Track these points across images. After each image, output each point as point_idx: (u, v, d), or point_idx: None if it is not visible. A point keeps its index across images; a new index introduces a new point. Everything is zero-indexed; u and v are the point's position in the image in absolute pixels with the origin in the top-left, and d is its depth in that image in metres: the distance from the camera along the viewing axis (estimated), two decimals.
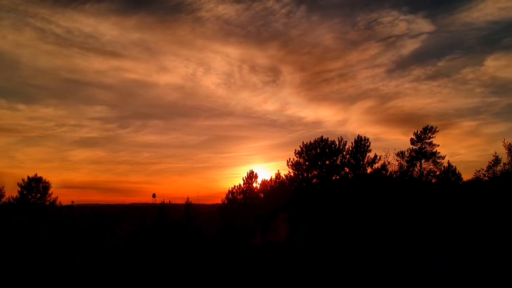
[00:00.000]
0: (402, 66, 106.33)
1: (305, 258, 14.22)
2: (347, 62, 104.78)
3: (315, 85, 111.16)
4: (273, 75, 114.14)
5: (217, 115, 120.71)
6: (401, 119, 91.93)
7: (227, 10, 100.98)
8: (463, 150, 66.99)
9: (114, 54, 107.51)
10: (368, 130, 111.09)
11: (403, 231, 16.37)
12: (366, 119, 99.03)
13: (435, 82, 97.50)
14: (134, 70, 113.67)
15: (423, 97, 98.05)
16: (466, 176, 26.72)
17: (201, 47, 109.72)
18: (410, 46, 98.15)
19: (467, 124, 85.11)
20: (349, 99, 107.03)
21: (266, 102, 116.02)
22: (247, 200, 29.15)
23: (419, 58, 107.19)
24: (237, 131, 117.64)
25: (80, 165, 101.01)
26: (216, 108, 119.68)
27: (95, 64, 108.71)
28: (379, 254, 13.70)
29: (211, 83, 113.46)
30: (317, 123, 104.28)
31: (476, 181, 25.30)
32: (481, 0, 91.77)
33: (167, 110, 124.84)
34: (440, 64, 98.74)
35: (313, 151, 27.21)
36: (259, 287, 11.24)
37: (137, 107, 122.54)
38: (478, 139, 78.23)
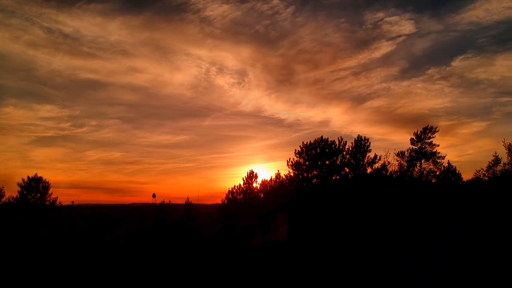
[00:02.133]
0: (415, 65, 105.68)
1: (305, 258, 14.23)
2: (359, 61, 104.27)
3: (328, 84, 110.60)
4: (286, 73, 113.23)
5: (226, 115, 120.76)
6: (410, 119, 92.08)
7: (232, 10, 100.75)
8: (471, 150, 67.41)
9: (125, 54, 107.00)
10: (376, 130, 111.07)
11: (403, 231, 16.38)
12: (374, 119, 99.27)
13: (448, 82, 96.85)
14: (146, 70, 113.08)
15: (433, 97, 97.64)
16: (466, 176, 26.77)
17: (211, 46, 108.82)
18: (421, 45, 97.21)
19: (478, 124, 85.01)
20: (359, 99, 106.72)
21: (278, 101, 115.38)
22: (247, 200, 29.20)
23: (432, 57, 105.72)
24: (242, 131, 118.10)
25: (93, 165, 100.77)
26: (226, 108, 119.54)
27: (107, 64, 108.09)
28: (379, 254, 13.71)
29: (225, 82, 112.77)
30: (324, 122, 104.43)
31: (476, 181, 25.32)
32: (471, 1, 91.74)
33: (179, 110, 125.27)
34: (453, 64, 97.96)
35: (313, 151, 27.24)
36: (259, 287, 11.25)
37: (152, 108, 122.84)
38: (488, 139, 78.23)
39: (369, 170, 26.44)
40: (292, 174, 27.98)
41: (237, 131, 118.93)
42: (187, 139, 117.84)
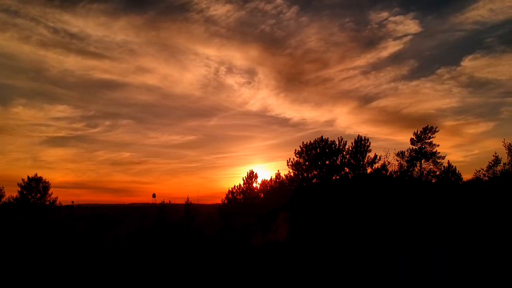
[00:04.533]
0: (425, 65, 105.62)
1: (305, 258, 14.23)
2: (367, 60, 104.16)
3: (336, 83, 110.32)
4: (295, 72, 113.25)
5: (231, 115, 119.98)
6: (416, 119, 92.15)
7: (235, 10, 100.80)
8: (477, 150, 67.51)
9: (133, 54, 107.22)
10: (381, 130, 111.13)
11: (403, 231, 16.38)
12: (380, 119, 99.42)
13: (457, 82, 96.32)
14: (155, 69, 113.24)
15: (441, 97, 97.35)
16: (466, 176, 26.79)
17: (219, 46, 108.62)
18: (429, 44, 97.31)
19: (485, 124, 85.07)
20: (366, 98, 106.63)
21: (285, 101, 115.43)
22: (247, 200, 29.23)
23: (441, 57, 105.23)
24: (244, 131, 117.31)
25: (102, 165, 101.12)
26: (233, 108, 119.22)
27: (117, 64, 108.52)
28: (379, 254, 13.71)
29: (235, 82, 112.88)
30: (329, 122, 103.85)
31: (476, 181, 25.34)
32: (474, 1, 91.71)
33: (187, 110, 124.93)
34: (463, 63, 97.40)
35: (313, 151, 27.26)
36: (259, 287, 11.25)
37: (161, 108, 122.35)
38: (495, 139, 78.27)
39: (369, 170, 26.48)
40: (292, 174, 28.03)
41: (239, 131, 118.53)
42: (194, 139, 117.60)
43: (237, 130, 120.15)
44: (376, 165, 26.43)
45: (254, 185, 30.43)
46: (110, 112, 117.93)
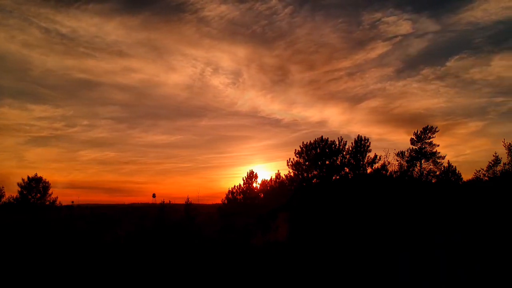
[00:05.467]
0: (410, 65, 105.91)
1: (305, 258, 14.23)
2: (354, 62, 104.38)
3: (323, 84, 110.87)
4: (281, 74, 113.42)
5: (222, 115, 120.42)
6: (407, 119, 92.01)
7: (230, 10, 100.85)
8: (468, 150, 67.40)
9: (121, 54, 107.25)
10: (373, 130, 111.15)
11: (403, 231, 16.39)
12: (372, 119, 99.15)
13: (443, 82, 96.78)
14: (142, 70, 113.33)
15: (429, 97, 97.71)
16: (466, 176, 26.80)
17: (208, 47, 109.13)
18: (417, 46, 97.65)
19: (474, 124, 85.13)
20: (355, 99, 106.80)
21: (274, 102, 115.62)
22: (247, 200, 29.24)
23: (427, 57, 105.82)
24: (240, 131, 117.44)
25: (88, 165, 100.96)
26: (222, 108, 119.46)
27: (102, 64, 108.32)
28: (379, 254, 13.72)
29: (219, 82, 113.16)
30: (321, 123, 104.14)
31: (476, 181, 25.35)
32: (484, 0, 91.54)
33: (174, 110, 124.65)
34: (448, 64, 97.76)
35: (313, 151, 27.27)
36: (259, 287, 11.25)
37: (146, 108, 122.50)
38: (485, 139, 78.22)
39: (369, 170, 26.50)
40: (292, 174, 28.05)
41: (234, 131, 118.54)
42: (184, 139, 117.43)
43: (231, 130, 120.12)
44: (376, 165, 26.46)
45: (254, 185, 30.46)
46: (89, 112, 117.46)
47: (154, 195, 29.20)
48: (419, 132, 27.04)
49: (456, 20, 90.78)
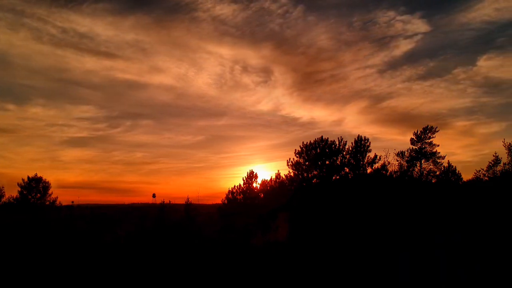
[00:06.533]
0: (394, 66, 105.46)
1: (305, 258, 14.23)
2: (340, 63, 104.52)
3: (308, 85, 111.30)
4: (265, 75, 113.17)
5: (210, 115, 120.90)
6: (396, 119, 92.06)
7: (224, 10, 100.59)
8: (458, 150, 67.16)
9: (108, 55, 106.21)
10: (365, 130, 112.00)
11: (403, 231, 16.38)
12: (361, 119, 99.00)
13: (427, 82, 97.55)
14: (127, 70, 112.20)
15: (416, 97, 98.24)
16: (466, 176, 26.79)
17: (195, 48, 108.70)
18: (404, 47, 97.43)
19: (461, 124, 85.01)
20: (343, 100, 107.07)
21: (260, 103, 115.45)
22: (247, 200, 29.21)
23: (412, 58, 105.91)
24: (234, 131, 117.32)
25: (72, 164, 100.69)
26: (209, 108, 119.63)
27: (88, 64, 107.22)
28: (379, 254, 13.72)
29: (202, 83, 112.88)
30: (312, 124, 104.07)
31: (476, 181, 25.34)
32: (479, 0, 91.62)
33: (160, 110, 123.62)
34: (431, 64, 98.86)
35: (313, 151, 27.25)
36: (259, 287, 11.25)
37: (129, 107, 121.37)
38: (473, 138, 78.24)
39: (369, 170, 26.48)
40: (292, 174, 28.02)
41: (227, 131, 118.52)
42: (203, 139, 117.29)
43: (242, 130, 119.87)
44: (376, 165, 26.44)
45: (254, 185, 30.42)
46: (131, 113, 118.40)
47: (154, 195, 29.23)
48: (419, 132, 27.03)
49: (470, 18, 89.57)
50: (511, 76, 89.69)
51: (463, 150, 46.65)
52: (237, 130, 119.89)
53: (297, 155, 27.95)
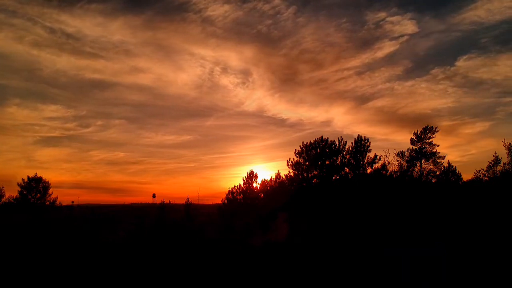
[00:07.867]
0: (372, 68, 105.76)
1: (305, 258, 14.24)
2: (320, 65, 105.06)
3: (289, 87, 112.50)
4: (243, 77, 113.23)
5: (194, 116, 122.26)
6: (384, 119, 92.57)
7: (216, 12, 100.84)
8: (445, 151, 67.36)
9: (90, 55, 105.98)
10: (354, 130, 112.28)
11: (403, 231, 16.39)
12: (350, 120, 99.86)
13: (408, 83, 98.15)
14: (103, 70, 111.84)
15: (400, 97, 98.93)
16: (466, 176, 26.78)
17: (179, 49, 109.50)
18: (387, 49, 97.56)
19: (446, 124, 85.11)
20: (327, 101, 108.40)
21: (243, 104, 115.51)
22: (247, 200, 29.16)
23: (392, 59, 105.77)
24: (243, 131, 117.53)
25: (49, 164, 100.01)
26: (191, 109, 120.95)
27: (59, 64, 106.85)
28: (379, 254, 13.72)
29: (182, 84, 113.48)
30: (301, 125, 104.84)
31: (476, 181, 25.34)
32: (472, 1, 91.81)
33: (134, 110, 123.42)
34: (410, 64, 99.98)
35: (313, 151, 27.24)
36: (259, 287, 11.25)
37: (98, 107, 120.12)
38: (458, 139, 78.37)
39: (369, 170, 26.46)
40: (292, 174, 28.00)
41: (238, 131, 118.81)
42: (191, 139, 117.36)
43: (235, 130, 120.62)
44: (376, 165, 26.42)
45: (254, 185, 30.36)
46: (102, 112, 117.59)
47: (154, 195, 29.16)
48: (419, 132, 27.03)
49: (460, 19, 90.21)
50: (492, 76, 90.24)
51: (450, 150, 47.07)
52: (227, 130, 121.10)
53: (297, 155, 27.95)
